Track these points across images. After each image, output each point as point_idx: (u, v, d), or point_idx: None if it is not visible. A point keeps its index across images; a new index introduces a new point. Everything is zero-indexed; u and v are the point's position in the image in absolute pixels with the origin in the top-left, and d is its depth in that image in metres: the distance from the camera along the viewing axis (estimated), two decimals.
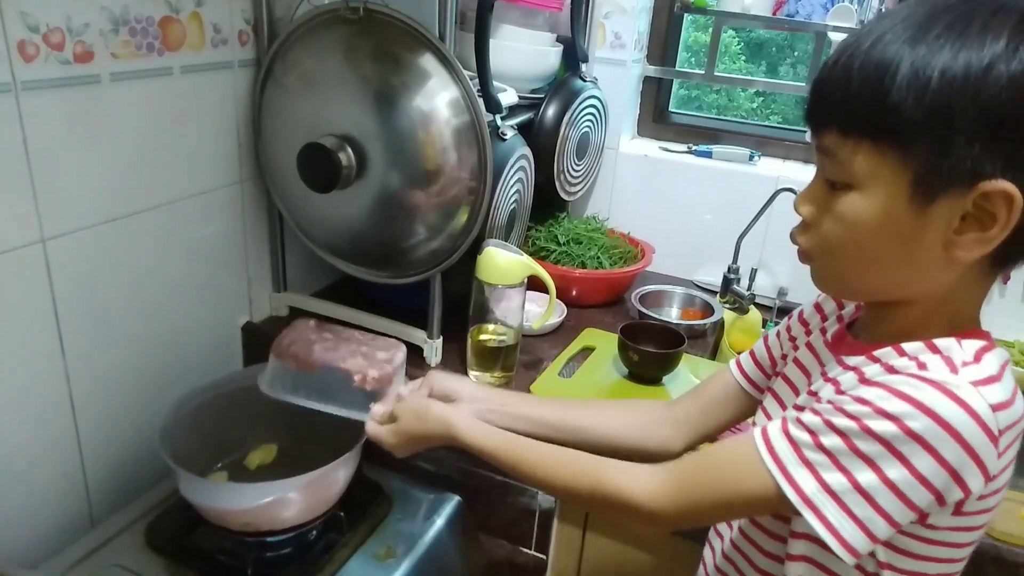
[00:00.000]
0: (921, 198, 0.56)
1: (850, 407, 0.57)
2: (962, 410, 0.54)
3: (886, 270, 0.60)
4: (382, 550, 1.00)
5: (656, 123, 1.76)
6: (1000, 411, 0.55)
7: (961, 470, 0.55)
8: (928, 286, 0.60)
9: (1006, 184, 0.53)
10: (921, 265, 0.59)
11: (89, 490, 1.06)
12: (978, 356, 0.58)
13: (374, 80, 1.07)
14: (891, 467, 0.55)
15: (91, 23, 0.91)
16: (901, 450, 0.55)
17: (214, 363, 1.24)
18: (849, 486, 0.56)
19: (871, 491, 0.56)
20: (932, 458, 0.54)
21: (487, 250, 1.11)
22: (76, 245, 0.96)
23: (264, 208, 1.27)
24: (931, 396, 0.54)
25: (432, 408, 0.86)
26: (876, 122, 0.55)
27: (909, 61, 0.53)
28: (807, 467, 0.58)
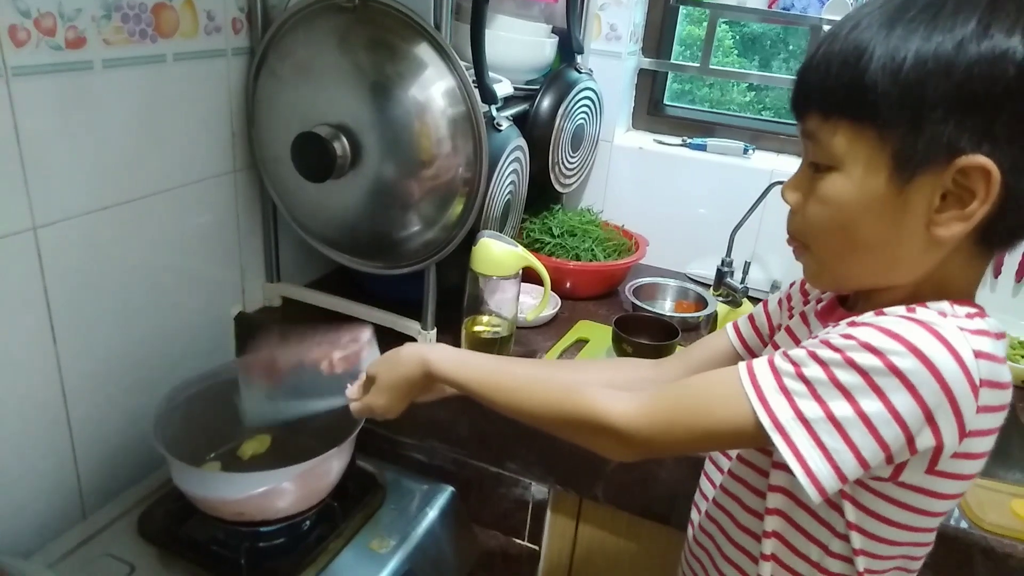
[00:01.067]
0: (900, 176, 0.57)
1: (836, 340, 0.57)
2: (945, 349, 0.54)
3: (872, 253, 0.61)
4: (375, 540, 1.00)
5: (651, 116, 1.76)
6: (983, 360, 0.55)
7: (936, 412, 0.55)
8: (914, 269, 0.61)
9: (982, 159, 0.54)
10: (905, 246, 0.59)
11: (81, 480, 1.05)
12: (970, 316, 0.59)
13: (369, 69, 1.06)
14: (867, 399, 0.55)
15: (83, 8, 0.90)
16: (879, 383, 0.54)
17: (207, 353, 1.24)
18: (823, 415, 0.56)
19: (844, 422, 0.55)
20: (910, 395, 0.54)
21: (482, 241, 1.11)
22: (68, 233, 0.95)
23: (257, 198, 1.26)
24: (916, 333, 0.55)
25: (402, 350, 0.82)
26: (853, 101, 0.57)
27: (884, 43, 0.55)
28: (785, 395, 0.58)
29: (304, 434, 1.10)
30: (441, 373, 0.79)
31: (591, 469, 1.11)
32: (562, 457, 1.12)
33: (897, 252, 0.60)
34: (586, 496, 1.15)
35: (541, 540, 1.21)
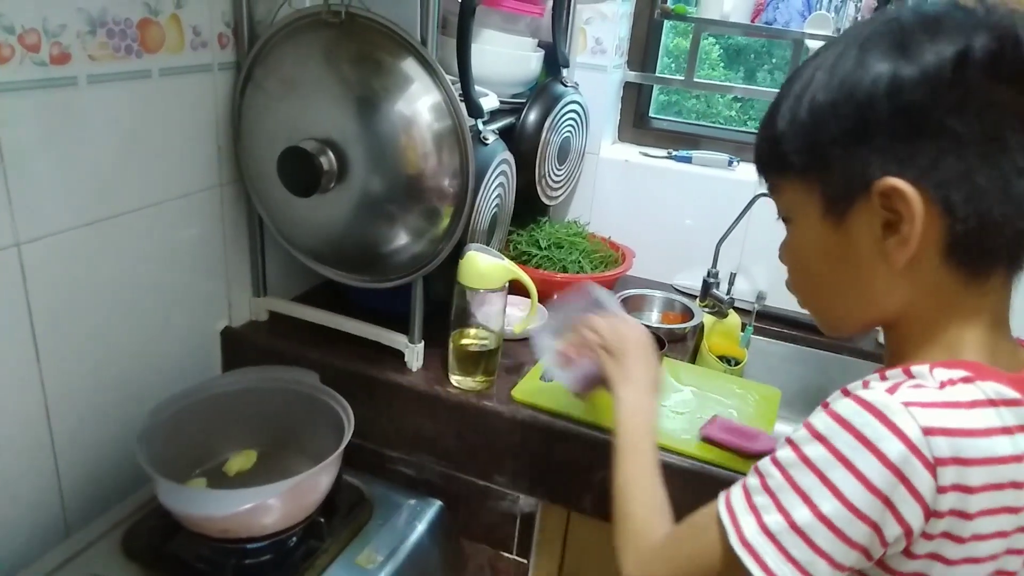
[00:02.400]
0: (834, 215, 0.59)
1: (794, 435, 0.57)
2: (884, 427, 0.52)
3: (843, 293, 0.63)
4: (363, 556, 1.00)
5: (637, 128, 1.78)
6: (938, 437, 0.52)
7: (892, 496, 0.52)
8: (896, 302, 0.60)
9: (891, 180, 0.55)
10: (870, 282, 0.60)
11: (64, 497, 1.04)
12: (944, 384, 0.55)
13: (355, 84, 1.06)
14: (824, 499, 0.53)
15: (68, 24, 0.90)
16: (831, 477, 0.53)
17: (193, 368, 1.23)
18: (786, 526, 0.54)
19: (807, 530, 0.54)
20: (859, 482, 0.52)
21: (468, 254, 1.11)
22: (52, 249, 0.95)
23: (244, 212, 1.26)
24: (852, 411, 0.54)
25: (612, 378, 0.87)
26: (774, 157, 0.62)
27: (789, 96, 0.60)
28: (753, 512, 0.57)
29: (290, 449, 1.10)
30: (617, 407, 0.84)
31: (579, 481, 1.11)
32: (550, 470, 1.12)
33: (865, 289, 0.61)
34: (574, 508, 1.15)
35: (530, 553, 1.21)
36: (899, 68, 0.54)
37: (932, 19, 0.55)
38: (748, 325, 1.51)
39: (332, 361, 1.21)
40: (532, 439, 1.11)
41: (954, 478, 0.52)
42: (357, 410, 1.03)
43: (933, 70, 0.53)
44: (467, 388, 1.17)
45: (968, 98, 0.53)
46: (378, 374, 1.19)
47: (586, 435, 1.08)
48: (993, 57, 0.52)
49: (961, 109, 0.53)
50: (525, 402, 1.14)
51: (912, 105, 0.54)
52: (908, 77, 0.53)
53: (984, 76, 0.52)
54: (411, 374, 1.20)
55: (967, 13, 0.54)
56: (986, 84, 0.53)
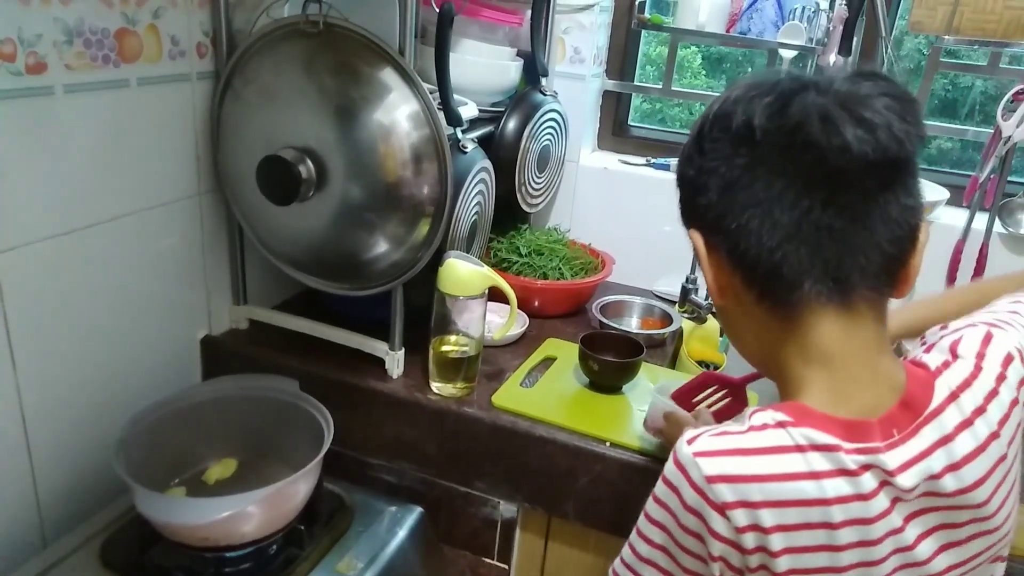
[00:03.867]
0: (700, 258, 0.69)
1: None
2: (680, 474, 0.61)
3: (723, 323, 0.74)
4: (343, 563, 1.00)
5: (616, 136, 1.80)
6: (719, 484, 0.58)
7: (703, 536, 0.60)
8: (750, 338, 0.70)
9: (691, 232, 0.68)
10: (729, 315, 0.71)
11: (41, 508, 1.04)
12: (752, 429, 0.61)
13: (334, 93, 1.07)
14: (655, 534, 0.64)
15: (44, 34, 0.90)
16: (656, 517, 0.64)
17: (172, 377, 1.23)
18: (635, 558, 0.66)
19: (650, 557, 0.65)
20: (675, 522, 0.62)
21: (448, 262, 1.12)
22: (28, 258, 0.94)
23: (223, 220, 1.26)
24: (668, 463, 0.63)
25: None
26: None
27: None
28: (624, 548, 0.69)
29: (270, 457, 1.10)
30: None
31: (559, 487, 1.12)
32: (530, 476, 1.13)
33: (730, 322, 0.72)
34: (555, 514, 1.16)
35: (511, 559, 1.21)
36: (682, 150, 0.69)
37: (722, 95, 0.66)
38: None
39: (312, 369, 1.21)
40: (512, 445, 1.12)
41: (747, 519, 0.58)
42: (337, 418, 1.03)
43: (687, 149, 0.67)
44: (447, 395, 1.17)
45: (703, 161, 0.64)
46: (358, 381, 1.20)
47: (566, 441, 1.09)
48: (711, 123, 0.64)
49: (700, 169, 0.65)
50: (505, 408, 1.15)
51: (683, 175, 0.68)
52: (680, 156, 0.69)
53: (709, 140, 0.64)
54: (391, 381, 1.21)
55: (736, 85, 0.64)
56: (709, 146, 0.64)
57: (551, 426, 1.11)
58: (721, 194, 0.63)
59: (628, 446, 1.08)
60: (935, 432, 0.61)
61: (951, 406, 0.62)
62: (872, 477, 0.59)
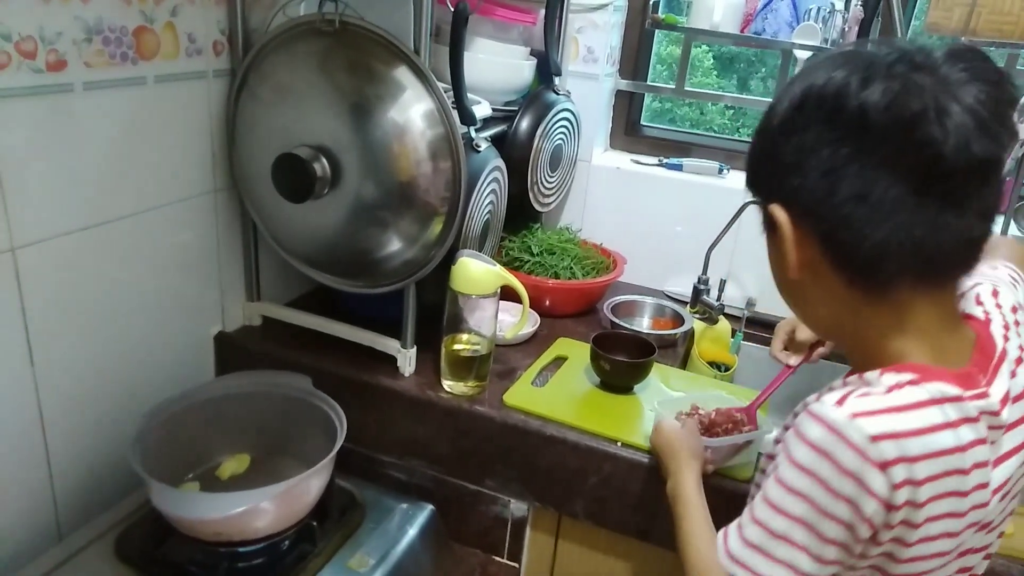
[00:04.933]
0: (767, 232, 0.70)
1: (777, 458, 0.65)
2: (837, 438, 0.59)
3: (792, 299, 0.73)
4: (355, 560, 1.00)
5: (628, 136, 1.79)
6: (885, 441, 0.58)
7: (857, 499, 0.59)
8: (823, 314, 0.70)
9: (772, 207, 0.66)
10: (801, 291, 0.69)
11: (57, 502, 1.05)
12: (892, 388, 0.62)
13: (349, 91, 1.07)
14: (790, 504, 0.61)
15: (64, 32, 0.91)
16: (800, 488, 0.61)
17: (186, 373, 1.24)
18: (766, 536, 0.63)
19: (786, 533, 0.62)
20: (824, 489, 0.60)
21: (461, 260, 1.12)
22: (47, 254, 0.95)
23: (238, 218, 1.27)
24: (812, 429, 0.61)
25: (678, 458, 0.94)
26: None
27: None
28: (736, 529, 0.66)
29: (283, 454, 1.10)
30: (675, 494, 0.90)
31: (569, 486, 1.12)
32: (541, 474, 1.13)
33: (801, 297, 0.70)
34: (565, 513, 1.16)
35: (521, 558, 1.22)
36: (769, 117, 0.67)
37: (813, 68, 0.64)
38: (738, 331, 1.53)
39: (325, 366, 1.22)
40: (523, 444, 1.12)
41: (904, 474, 0.59)
42: (350, 415, 1.04)
43: (777, 121, 0.65)
44: (459, 393, 1.18)
45: (796, 139, 0.63)
46: (370, 379, 1.20)
47: (577, 440, 1.09)
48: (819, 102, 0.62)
49: (797, 148, 0.63)
50: (516, 407, 1.15)
51: (769, 149, 0.66)
52: (766, 123, 0.67)
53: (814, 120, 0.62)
54: (403, 379, 1.21)
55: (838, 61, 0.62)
56: (805, 125, 0.63)
57: (562, 425, 1.11)
58: (822, 178, 0.62)
59: (639, 446, 1.08)
60: (1007, 370, 0.67)
61: (1009, 347, 0.68)
62: (984, 421, 0.63)
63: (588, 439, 1.09)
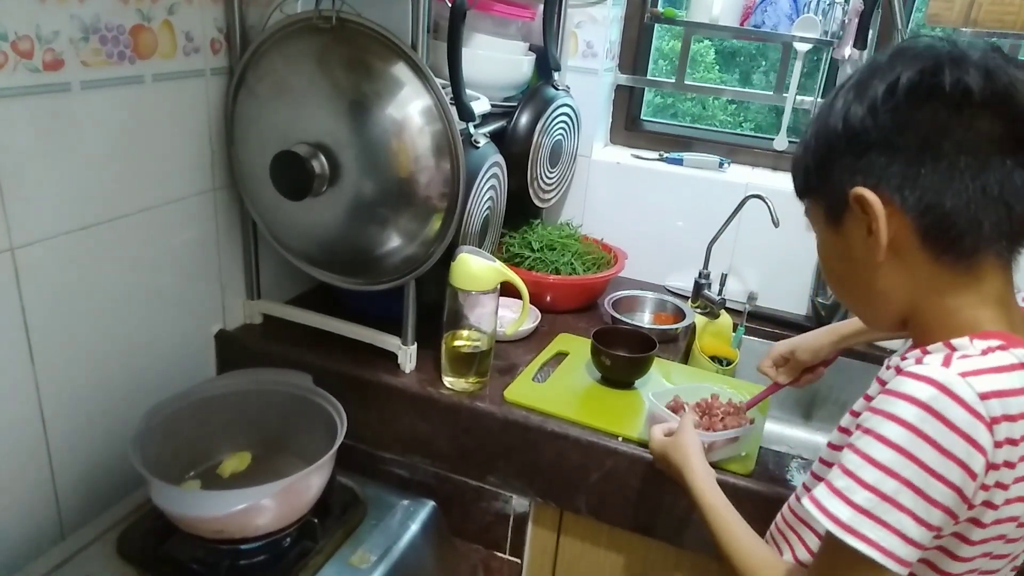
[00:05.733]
0: (835, 226, 0.71)
1: (866, 422, 0.63)
2: (947, 397, 0.59)
3: (862, 292, 0.73)
4: (356, 556, 1.00)
5: (628, 131, 1.79)
6: (993, 399, 0.60)
7: (967, 459, 0.59)
8: (902, 294, 0.69)
9: (858, 189, 0.66)
10: (876, 279, 0.69)
11: (59, 500, 1.05)
12: (986, 351, 0.63)
13: (347, 88, 1.07)
14: (903, 468, 0.60)
15: (61, 31, 0.91)
16: (903, 446, 0.60)
17: (187, 371, 1.24)
18: (876, 500, 0.61)
19: (890, 492, 0.60)
20: (933, 448, 0.59)
21: (460, 257, 1.12)
22: (46, 253, 0.96)
23: (237, 216, 1.27)
24: (919, 389, 0.60)
25: (683, 441, 0.95)
26: (798, 180, 0.75)
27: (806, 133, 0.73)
28: (838, 496, 0.63)
29: (284, 451, 1.10)
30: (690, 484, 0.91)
31: (571, 482, 1.12)
32: (542, 470, 1.13)
33: (874, 285, 0.70)
34: (567, 509, 1.16)
35: (523, 553, 1.22)
36: (853, 100, 0.67)
37: (889, 61, 0.66)
38: (739, 325, 1.53)
39: (325, 363, 1.22)
40: (525, 440, 1.12)
41: (1006, 432, 0.61)
42: (350, 412, 1.04)
43: (870, 100, 0.66)
44: (460, 389, 1.18)
45: (899, 119, 0.64)
46: (371, 376, 1.20)
47: (578, 436, 1.09)
48: (914, 86, 0.63)
49: (896, 128, 0.64)
50: (517, 403, 1.15)
51: (858, 129, 0.66)
52: (855, 108, 0.67)
53: (907, 101, 0.64)
54: (404, 376, 1.21)
55: (918, 51, 0.65)
56: (909, 107, 0.64)
57: (563, 421, 1.11)
58: (918, 154, 0.64)
59: (640, 441, 1.08)
60: None
61: None
62: None
63: (589, 435, 1.09)
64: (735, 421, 1.05)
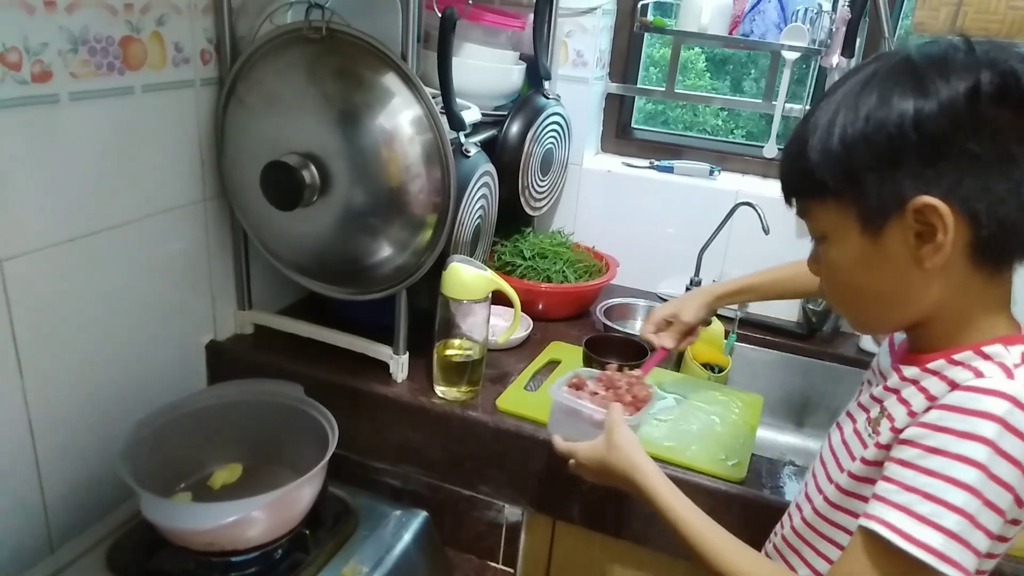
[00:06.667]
0: (871, 232, 0.66)
1: (934, 440, 0.62)
2: (1021, 411, 0.59)
3: (882, 299, 0.70)
4: (349, 567, 1.00)
5: (619, 139, 1.79)
6: None
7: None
8: (931, 300, 0.67)
9: (927, 199, 0.62)
10: (906, 286, 0.67)
11: (48, 513, 1.04)
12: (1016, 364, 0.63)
13: (337, 99, 1.07)
14: (985, 487, 0.59)
15: (49, 43, 0.91)
16: (986, 464, 0.59)
17: (177, 382, 1.23)
18: (965, 522, 0.59)
19: (974, 513, 0.59)
20: (1009, 463, 0.59)
21: (452, 266, 1.12)
22: (35, 265, 0.95)
23: (228, 226, 1.26)
24: (998, 406, 0.59)
25: (615, 460, 0.87)
26: (809, 184, 0.68)
27: (815, 129, 0.67)
28: (925, 523, 0.60)
29: (275, 462, 1.10)
30: (643, 486, 0.83)
31: (564, 491, 1.12)
32: (535, 479, 1.13)
33: (903, 292, 0.68)
34: (560, 518, 1.16)
35: (516, 563, 1.22)
36: (921, 104, 0.61)
37: (940, 59, 0.63)
38: (731, 332, 1.53)
39: (317, 373, 1.22)
40: (517, 449, 1.12)
41: None
42: (342, 422, 1.03)
43: (949, 104, 0.61)
44: (452, 399, 1.17)
45: (980, 124, 0.61)
46: (363, 386, 1.20)
47: None
48: (999, 90, 0.60)
49: (976, 134, 0.61)
50: (510, 412, 1.15)
51: (935, 134, 0.61)
52: (929, 111, 0.61)
53: (992, 106, 0.60)
54: (396, 385, 1.21)
55: (967, 54, 0.62)
56: (994, 112, 0.61)
57: None
58: (995, 164, 0.61)
59: None
60: None
61: None
62: None
63: None
64: (642, 391, 1.00)
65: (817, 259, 0.74)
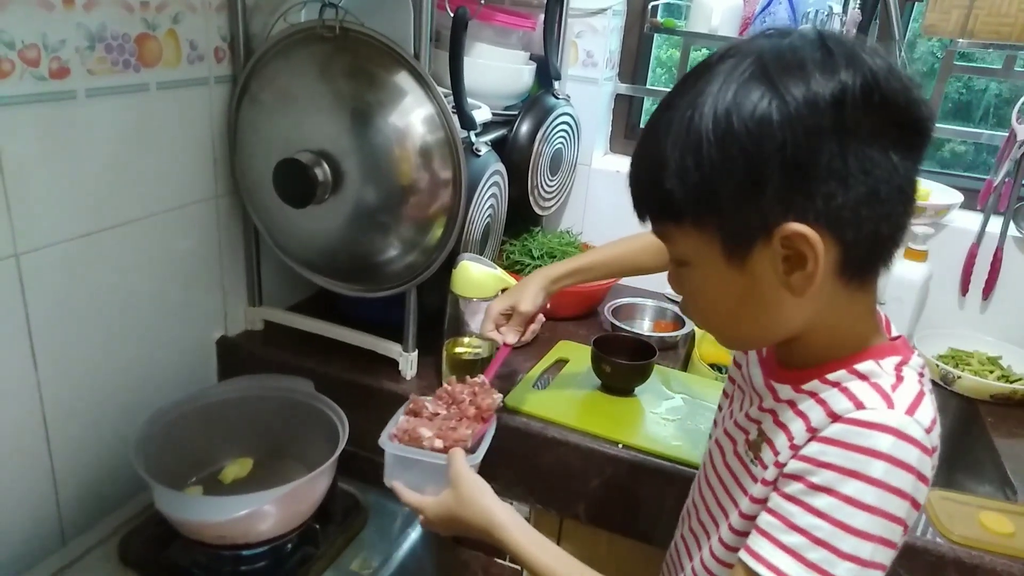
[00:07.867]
0: (736, 259, 0.60)
1: (818, 477, 0.58)
2: (905, 443, 0.57)
3: (752, 321, 0.64)
4: (358, 562, 1.01)
5: (628, 139, 1.80)
6: (933, 428, 0.59)
7: (918, 495, 0.58)
8: (801, 321, 0.63)
9: (795, 226, 0.56)
10: (778, 308, 0.62)
11: (61, 506, 1.05)
12: (899, 374, 0.61)
13: (349, 97, 1.08)
14: (876, 526, 0.57)
15: (67, 40, 0.92)
16: (877, 505, 0.57)
17: (189, 377, 1.24)
18: (857, 568, 0.57)
19: (867, 557, 0.57)
20: (899, 498, 0.57)
21: (462, 264, 1.13)
22: (50, 259, 0.96)
23: (240, 223, 1.27)
24: (883, 442, 0.57)
25: (469, 510, 0.82)
26: (666, 208, 0.61)
27: (667, 144, 0.58)
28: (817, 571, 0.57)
29: (286, 457, 1.11)
30: (504, 539, 0.80)
31: (571, 488, 1.12)
32: (542, 477, 1.13)
33: (772, 316, 0.63)
34: (567, 515, 1.16)
35: None
36: (780, 118, 0.55)
37: (796, 63, 0.56)
38: None
39: (327, 370, 1.22)
40: (525, 446, 1.13)
41: (937, 458, 0.60)
42: (352, 418, 1.04)
43: (812, 115, 0.54)
44: None
45: (845, 136, 0.55)
46: (372, 382, 1.21)
47: (578, 443, 1.10)
48: (864, 94, 0.54)
49: (841, 147, 0.55)
50: (518, 410, 1.15)
51: (798, 153, 0.55)
52: (790, 126, 0.54)
53: (858, 113, 0.55)
54: (405, 382, 1.22)
55: (824, 54, 0.56)
56: (859, 119, 0.55)
57: (563, 428, 1.12)
58: (861, 179, 0.56)
59: (640, 448, 1.08)
60: None
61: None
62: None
63: (590, 441, 1.10)
64: (486, 399, 0.95)
65: (675, 278, 0.69)
